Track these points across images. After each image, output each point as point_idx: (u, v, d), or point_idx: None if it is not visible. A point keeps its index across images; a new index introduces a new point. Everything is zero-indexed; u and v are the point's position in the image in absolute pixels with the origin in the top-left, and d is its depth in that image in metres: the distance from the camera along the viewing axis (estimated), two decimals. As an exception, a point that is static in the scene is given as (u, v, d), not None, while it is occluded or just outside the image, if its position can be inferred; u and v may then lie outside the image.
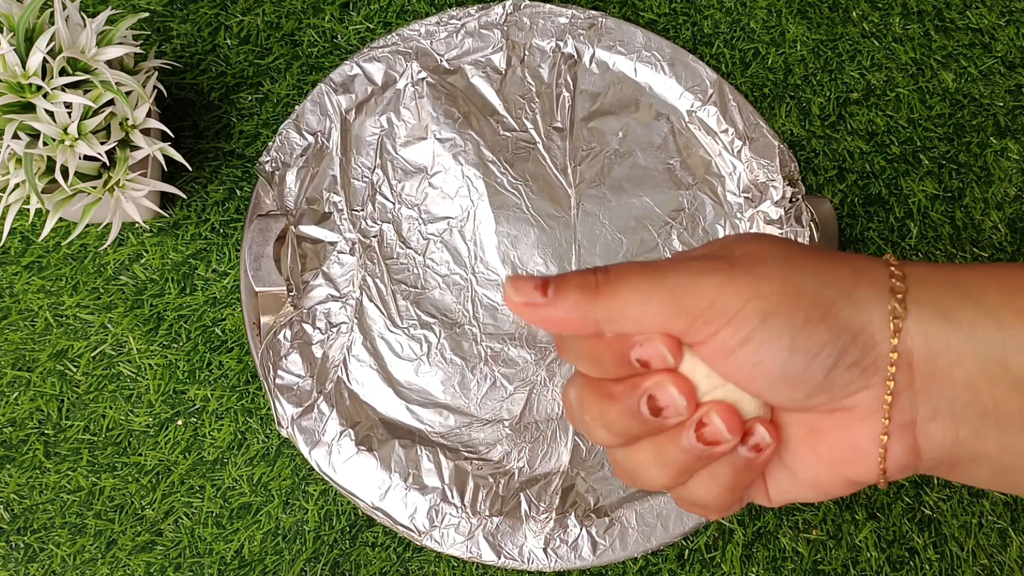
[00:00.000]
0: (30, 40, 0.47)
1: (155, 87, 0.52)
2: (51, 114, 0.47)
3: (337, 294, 0.56)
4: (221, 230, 0.59)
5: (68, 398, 0.56)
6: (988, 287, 0.25)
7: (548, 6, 0.62)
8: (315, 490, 0.55)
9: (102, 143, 0.48)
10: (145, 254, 0.58)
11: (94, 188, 0.50)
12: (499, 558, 0.53)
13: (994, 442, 0.25)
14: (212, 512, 0.54)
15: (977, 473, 0.26)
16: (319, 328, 0.55)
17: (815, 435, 0.27)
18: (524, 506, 0.53)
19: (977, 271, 0.26)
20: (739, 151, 0.60)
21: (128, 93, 0.49)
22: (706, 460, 0.26)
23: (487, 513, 0.53)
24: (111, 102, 0.49)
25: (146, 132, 0.52)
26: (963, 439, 0.25)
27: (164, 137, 0.56)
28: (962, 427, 0.25)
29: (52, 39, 0.47)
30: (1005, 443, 0.25)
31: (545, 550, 0.53)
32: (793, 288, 0.25)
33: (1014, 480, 0.26)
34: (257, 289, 0.55)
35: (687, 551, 0.55)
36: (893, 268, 0.26)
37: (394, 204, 0.58)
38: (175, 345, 0.57)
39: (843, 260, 0.26)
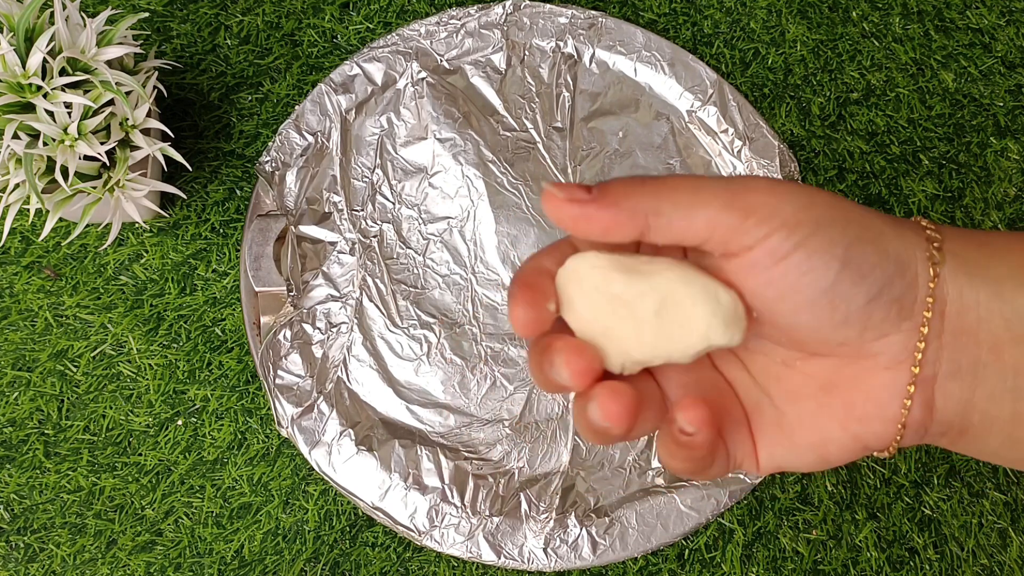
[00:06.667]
0: (30, 40, 0.47)
1: (155, 87, 0.52)
2: (51, 114, 0.47)
3: (337, 294, 0.56)
4: (221, 230, 0.59)
5: (68, 398, 0.56)
6: (1013, 249, 0.26)
7: (548, 6, 0.62)
8: (315, 490, 0.55)
9: (102, 143, 0.48)
10: (145, 254, 0.58)
11: (94, 188, 0.50)
12: (499, 558, 0.53)
13: (1008, 407, 0.25)
14: (212, 512, 0.54)
15: (986, 443, 0.26)
16: (319, 328, 0.55)
17: (828, 389, 0.26)
18: (524, 506, 0.53)
19: (1002, 235, 0.26)
20: (739, 151, 0.60)
21: (128, 93, 0.49)
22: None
23: (487, 513, 0.53)
24: (111, 102, 0.49)
25: (146, 132, 0.52)
26: (978, 401, 0.25)
27: (164, 137, 0.56)
28: (979, 388, 0.25)
29: (52, 39, 0.47)
30: (1019, 410, 0.25)
31: (545, 550, 0.53)
32: (843, 210, 0.25)
33: (1022, 453, 0.26)
34: (257, 289, 0.55)
35: (687, 551, 0.55)
36: (926, 223, 0.26)
37: (394, 204, 0.58)
38: (175, 345, 0.57)
39: (880, 212, 0.26)
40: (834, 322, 0.25)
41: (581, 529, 0.53)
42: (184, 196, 0.57)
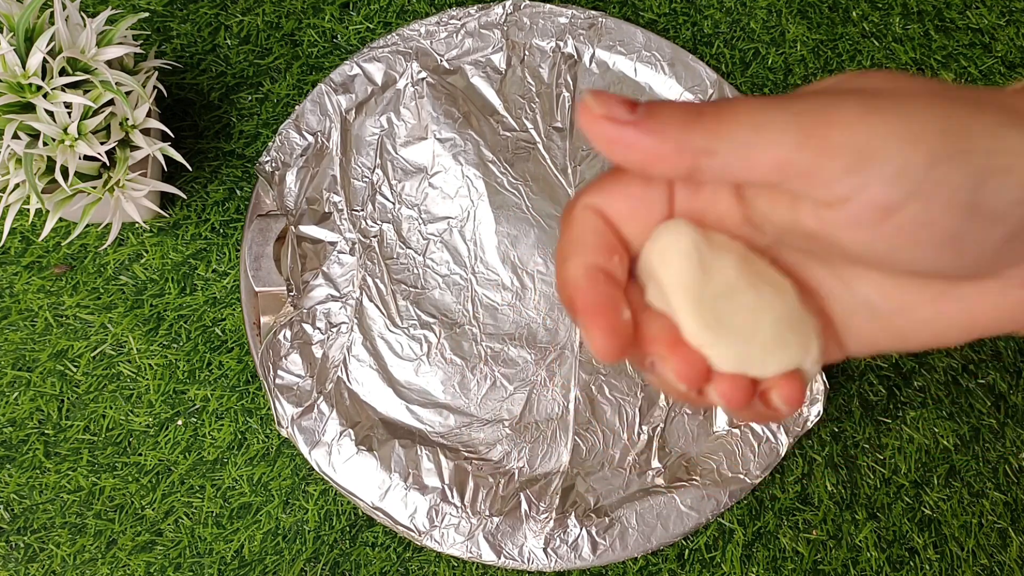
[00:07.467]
0: (30, 40, 0.47)
1: (155, 87, 0.52)
2: (51, 114, 0.47)
3: (337, 294, 0.56)
4: (221, 230, 0.59)
5: (68, 398, 0.56)
6: None
7: (548, 6, 0.62)
8: (315, 490, 0.55)
9: (102, 143, 0.48)
10: (145, 254, 0.58)
11: (94, 188, 0.50)
12: (499, 558, 0.53)
13: None
14: (212, 512, 0.54)
15: None
16: (319, 328, 0.55)
17: (941, 299, 0.23)
18: (524, 506, 0.53)
19: None
20: (739, 151, 0.60)
21: (128, 93, 0.49)
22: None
23: (487, 513, 0.53)
24: (111, 102, 0.49)
25: (146, 132, 0.52)
26: None
27: (164, 137, 0.56)
28: None
29: (52, 39, 0.47)
30: None
31: (545, 550, 0.53)
32: (964, 134, 0.19)
33: None
34: (257, 289, 0.55)
35: (687, 551, 0.55)
36: None
37: (394, 204, 0.58)
38: (175, 345, 0.57)
39: (1006, 104, 0.20)
40: (958, 265, 0.21)
41: (581, 529, 0.53)
42: (184, 196, 0.57)
